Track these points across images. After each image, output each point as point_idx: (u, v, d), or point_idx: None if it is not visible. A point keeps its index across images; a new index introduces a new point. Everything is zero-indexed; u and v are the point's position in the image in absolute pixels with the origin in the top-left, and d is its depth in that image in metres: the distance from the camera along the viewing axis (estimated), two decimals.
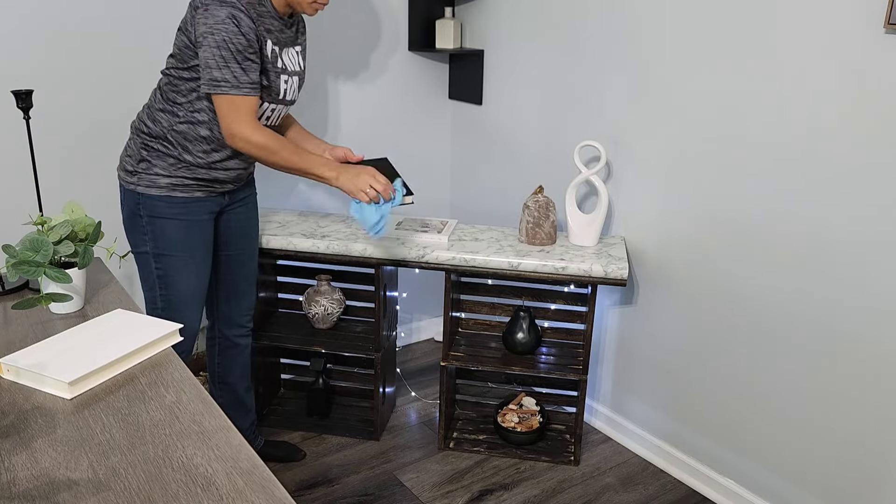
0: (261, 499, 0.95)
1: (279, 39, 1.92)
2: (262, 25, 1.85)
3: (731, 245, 2.09)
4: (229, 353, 2.27)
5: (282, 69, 1.93)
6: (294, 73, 2.00)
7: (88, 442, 1.06)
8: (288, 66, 1.96)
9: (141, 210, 1.92)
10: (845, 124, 1.77)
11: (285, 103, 2.01)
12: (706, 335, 2.22)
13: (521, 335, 2.40)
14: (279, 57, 1.92)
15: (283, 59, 1.94)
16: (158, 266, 1.96)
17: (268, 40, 1.87)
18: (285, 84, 1.96)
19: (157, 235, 1.93)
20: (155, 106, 1.93)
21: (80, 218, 1.51)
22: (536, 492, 2.30)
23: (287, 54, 1.96)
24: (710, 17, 2.02)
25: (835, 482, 1.95)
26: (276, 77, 1.92)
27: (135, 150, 1.94)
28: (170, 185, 1.91)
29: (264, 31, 1.86)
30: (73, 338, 1.34)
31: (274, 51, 1.90)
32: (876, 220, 1.75)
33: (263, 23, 1.85)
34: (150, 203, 1.91)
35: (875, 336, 1.79)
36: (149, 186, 1.91)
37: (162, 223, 1.92)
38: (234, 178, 2.02)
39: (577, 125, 2.49)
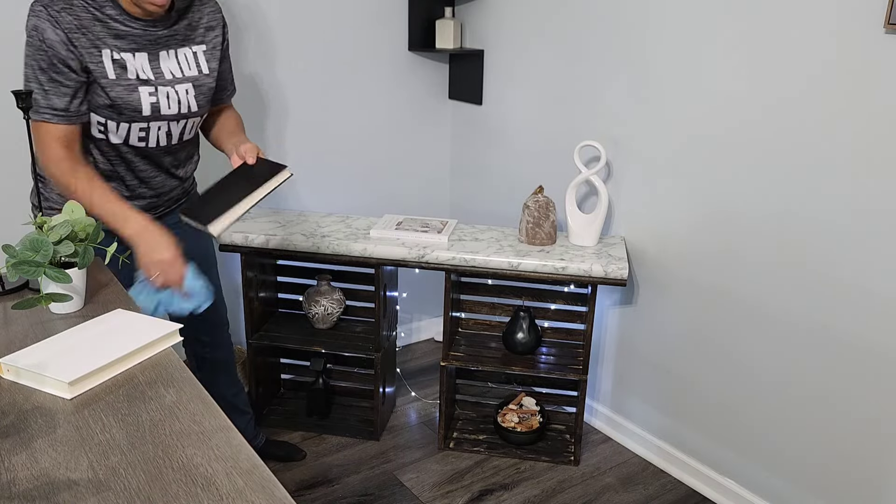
0: (261, 499, 0.95)
1: (142, 44, 1.66)
2: (94, 34, 1.59)
3: (731, 245, 2.09)
4: (205, 368, 2.18)
5: (140, 80, 1.66)
6: (180, 80, 1.71)
7: (88, 442, 1.06)
8: (165, 73, 1.69)
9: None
10: (845, 124, 1.77)
11: (169, 118, 1.73)
12: (706, 335, 2.22)
13: (521, 335, 2.39)
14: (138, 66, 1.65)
15: (160, 67, 1.69)
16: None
17: (105, 50, 1.61)
18: (152, 98, 1.68)
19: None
20: None
21: (80, 218, 1.51)
22: (536, 492, 2.30)
23: (169, 58, 1.70)
24: (710, 17, 2.02)
25: (835, 482, 1.95)
26: (129, 91, 1.65)
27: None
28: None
29: (97, 39, 1.60)
30: (73, 338, 1.34)
31: (121, 60, 1.63)
32: (876, 220, 1.75)
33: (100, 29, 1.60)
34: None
35: (875, 336, 1.79)
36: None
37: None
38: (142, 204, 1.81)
39: (577, 125, 2.49)
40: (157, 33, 1.67)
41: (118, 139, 1.71)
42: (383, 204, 2.98)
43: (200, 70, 1.76)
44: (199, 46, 1.76)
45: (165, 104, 1.71)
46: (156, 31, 1.67)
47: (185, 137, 1.82)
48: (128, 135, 1.70)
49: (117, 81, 1.64)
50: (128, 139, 1.71)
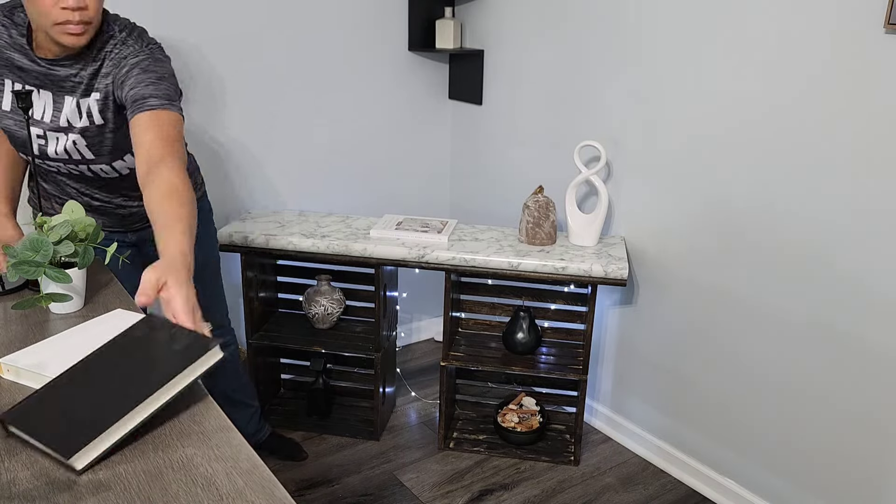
0: (261, 499, 0.95)
1: (41, 82, 1.58)
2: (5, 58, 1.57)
3: (731, 245, 2.09)
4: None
5: (34, 119, 1.60)
6: (62, 129, 1.60)
7: None
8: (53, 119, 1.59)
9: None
10: (845, 124, 1.77)
11: (65, 161, 1.65)
12: (706, 335, 2.22)
13: (521, 335, 2.39)
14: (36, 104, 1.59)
15: (51, 108, 1.59)
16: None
17: (6, 79, 1.58)
18: (40, 139, 1.62)
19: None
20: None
21: (80, 218, 1.51)
22: (536, 492, 2.30)
23: (68, 104, 1.59)
24: (710, 17, 2.02)
25: (835, 482, 1.95)
26: (20, 127, 1.61)
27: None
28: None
29: (4, 66, 1.58)
30: (73, 338, 1.34)
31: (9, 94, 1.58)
32: (876, 220, 1.75)
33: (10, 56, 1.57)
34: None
35: (875, 336, 1.79)
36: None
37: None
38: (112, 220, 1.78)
39: (577, 125, 2.49)
40: (58, 73, 1.57)
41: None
42: (383, 204, 2.98)
43: (92, 121, 1.61)
44: (95, 94, 1.59)
45: (52, 149, 1.62)
46: (57, 72, 1.56)
47: (111, 175, 1.70)
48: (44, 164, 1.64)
49: (10, 114, 1.60)
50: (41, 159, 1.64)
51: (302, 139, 2.73)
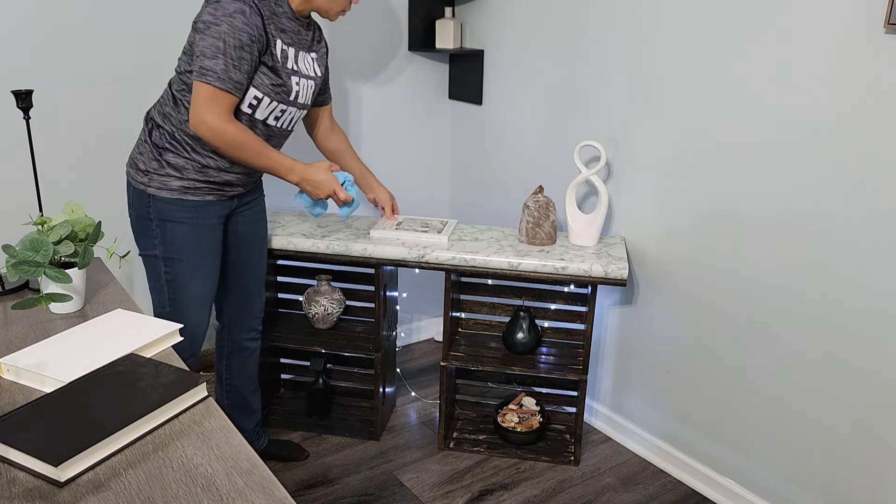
0: (261, 499, 0.95)
1: (294, 41, 1.92)
2: (275, 24, 1.84)
3: (732, 245, 2.09)
4: (237, 356, 2.26)
5: (293, 70, 1.91)
6: (308, 77, 1.97)
7: None
8: (302, 69, 1.94)
9: (151, 213, 1.89)
10: (845, 124, 1.77)
11: (297, 106, 1.98)
12: (706, 335, 2.22)
13: (521, 335, 2.39)
14: (292, 58, 1.90)
15: (298, 62, 1.93)
16: (167, 270, 1.93)
17: (278, 39, 1.85)
18: (297, 86, 1.93)
19: (168, 240, 1.90)
20: (165, 103, 1.90)
21: (80, 218, 1.51)
22: (536, 492, 2.30)
23: (302, 58, 1.95)
24: (710, 17, 2.02)
25: (835, 482, 1.95)
26: (288, 77, 1.90)
27: (147, 148, 1.90)
28: (181, 188, 1.88)
29: (276, 30, 1.85)
30: (73, 338, 1.34)
31: (285, 51, 1.88)
32: (876, 219, 1.75)
33: (277, 22, 1.85)
34: (162, 206, 1.88)
35: (875, 336, 1.79)
36: (160, 189, 1.87)
37: (173, 227, 1.89)
38: (245, 181, 2.00)
39: (577, 125, 2.49)
40: (303, 34, 1.95)
41: (262, 115, 1.90)
42: None
43: (317, 73, 2.02)
44: (314, 53, 2.01)
45: (302, 94, 1.97)
46: (304, 34, 1.96)
47: (294, 127, 2.05)
48: (270, 113, 1.91)
49: (283, 67, 1.88)
50: (268, 117, 1.91)
51: (301, 139, 2.72)
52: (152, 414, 1.09)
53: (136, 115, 2.33)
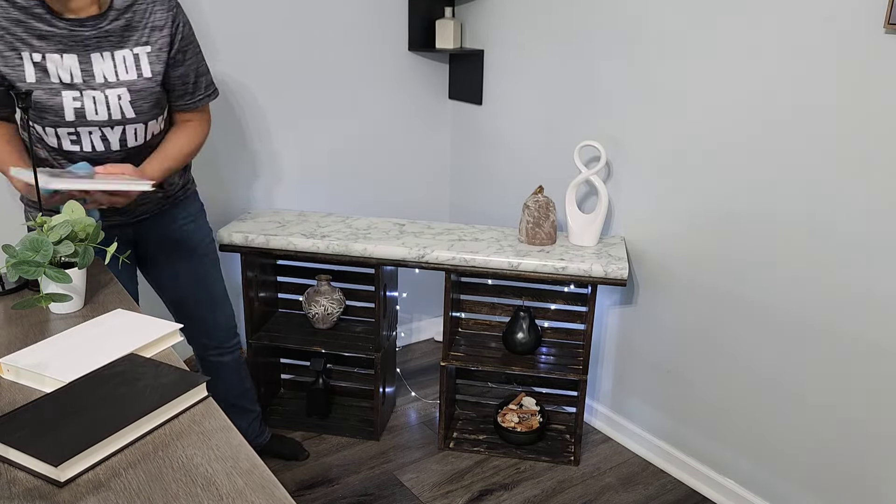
0: (261, 499, 0.95)
1: (68, 45, 1.59)
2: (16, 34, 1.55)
3: (731, 245, 2.09)
4: (211, 373, 2.17)
5: (64, 84, 1.60)
6: (109, 84, 1.64)
7: None
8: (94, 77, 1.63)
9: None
10: (845, 124, 1.77)
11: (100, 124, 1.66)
12: (706, 335, 2.22)
13: (521, 335, 2.39)
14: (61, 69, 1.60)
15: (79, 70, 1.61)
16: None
17: (24, 52, 1.57)
18: (76, 102, 1.62)
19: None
20: None
21: (80, 218, 1.51)
22: (536, 492, 2.30)
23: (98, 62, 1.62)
24: (710, 17, 2.02)
25: (835, 482, 1.95)
26: (51, 95, 1.60)
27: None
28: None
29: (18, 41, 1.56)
30: (73, 338, 1.34)
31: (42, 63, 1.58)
32: (876, 219, 1.75)
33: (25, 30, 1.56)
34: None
35: (876, 335, 1.79)
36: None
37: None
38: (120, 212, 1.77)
39: (577, 125, 2.49)
40: (83, 34, 1.59)
41: (51, 142, 1.66)
42: (383, 204, 2.98)
43: (140, 73, 1.66)
44: (142, 48, 1.65)
45: (92, 109, 1.63)
46: (83, 32, 1.59)
47: (131, 144, 1.73)
48: (58, 139, 1.66)
49: (37, 85, 1.59)
50: (60, 143, 1.66)
51: (302, 139, 2.73)
52: (152, 414, 1.09)
53: None
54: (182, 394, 1.15)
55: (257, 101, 2.57)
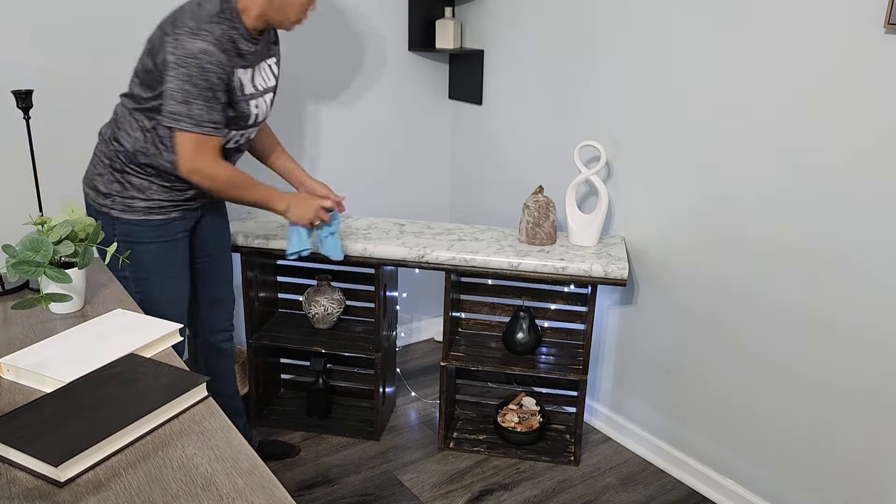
0: (261, 499, 0.95)
1: (252, 61, 1.85)
2: (236, 52, 1.77)
3: (731, 245, 2.09)
4: (213, 359, 2.23)
5: (252, 94, 1.86)
6: (267, 90, 1.93)
7: None
8: (259, 85, 1.89)
9: (117, 235, 1.82)
10: (845, 124, 1.77)
11: (256, 126, 1.95)
12: (706, 335, 2.22)
13: (521, 335, 2.39)
14: (251, 81, 1.85)
15: (256, 81, 1.88)
16: (139, 290, 1.86)
17: (237, 69, 1.79)
18: (256, 108, 1.90)
19: (136, 261, 1.81)
20: (122, 125, 1.84)
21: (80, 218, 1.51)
22: (536, 492, 2.30)
23: (260, 72, 1.89)
24: (710, 17, 2.02)
25: (835, 482, 1.95)
26: (247, 105, 1.85)
27: (105, 168, 1.85)
28: (146, 208, 1.84)
29: (237, 57, 1.78)
30: (73, 338, 1.34)
31: (241, 79, 1.82)
32: (876, 220, 1.75)
33: (237, 48, 1.78)
34: (127, 228, 1.83)
35: (875, 336, 1.79)
36: (124, 211, 1.83)
37: (140, 248, 1.84)
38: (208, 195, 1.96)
39: (577, 125, 2.49)
40: (257, 47, 1.85)
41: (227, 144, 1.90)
42: (383, 204, 2.98)
43: (275, 79, 1.97)
44: (272, 58, 1.95)
45: (262, 112, 1.93)
46: (257, 48, 1.85)
47: (245, 143, 2.00)
48: (230, 140, 1.89)
49: (242, 96, 1.83)
50: (228, 143, 1.89)
51: (302, 139, 2.73)
52: (152, 414, 1.09)
53: None
54: (182, 394, 1.15)
55: None
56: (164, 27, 1.75)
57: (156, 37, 1.77)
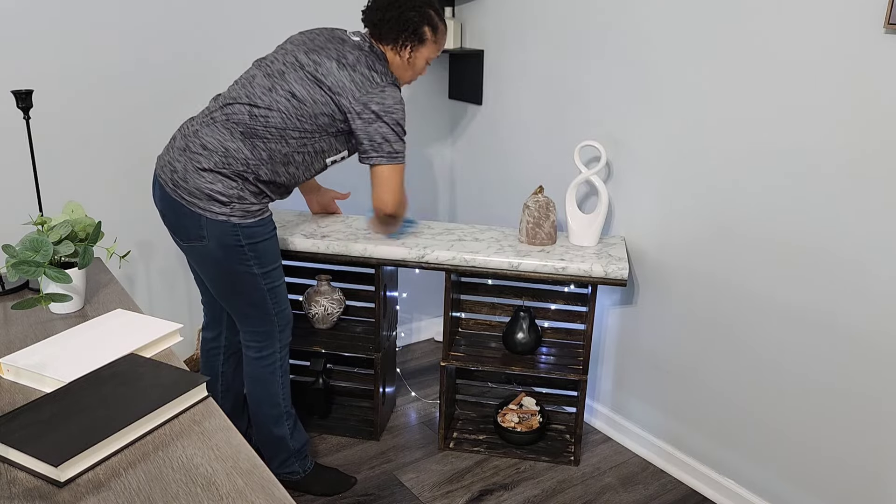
0: (261, 499, 0.95)
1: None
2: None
3: (731, 245, 2.09)
4: (237, 358, 2.26)
5: None
6: None
7: None
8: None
9: (241, 240, 1.90)
10: (845, 124, 1.77)
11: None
12: (706, 335, 2.22)
13: (521, 335, 2.39)
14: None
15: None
16: (267, 282, 1.99)
17: None
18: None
19: (262, 256, 1.95)
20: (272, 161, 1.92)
21: (80, 218, 1.51)
22: (536, 492, 2.30)
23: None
24: (711, 17, 2.02)
25: (835, 482, 1.95)
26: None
27: (236, 193, 1.89)
28: (260, 210, 1.94)
29: None
30: (73, 338, 1.34)
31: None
32: (876, 220, 1.75)
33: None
34: (249, 231, 1.91)
35: (875, 336, 1.80)
36: (244, 216, 1.90)
37: (263, 245, 1.95)
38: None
39: (577, 125, 2.49)
40: None
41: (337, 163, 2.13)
42: None
43: None
44: None
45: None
46: None
47: None
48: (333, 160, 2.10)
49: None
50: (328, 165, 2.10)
51: None
52: (152, 414, 1.09)
53: (137, 115, 2.33)
54: (182, 394, 1.15)
55: None
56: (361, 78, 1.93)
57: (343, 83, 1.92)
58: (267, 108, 1.90)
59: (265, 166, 1.92)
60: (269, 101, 1.90)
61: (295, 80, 1.92)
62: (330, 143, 2.00)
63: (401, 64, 2.06)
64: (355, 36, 2.04)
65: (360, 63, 1.95)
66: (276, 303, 2.03)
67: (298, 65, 1.94)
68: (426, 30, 2.03)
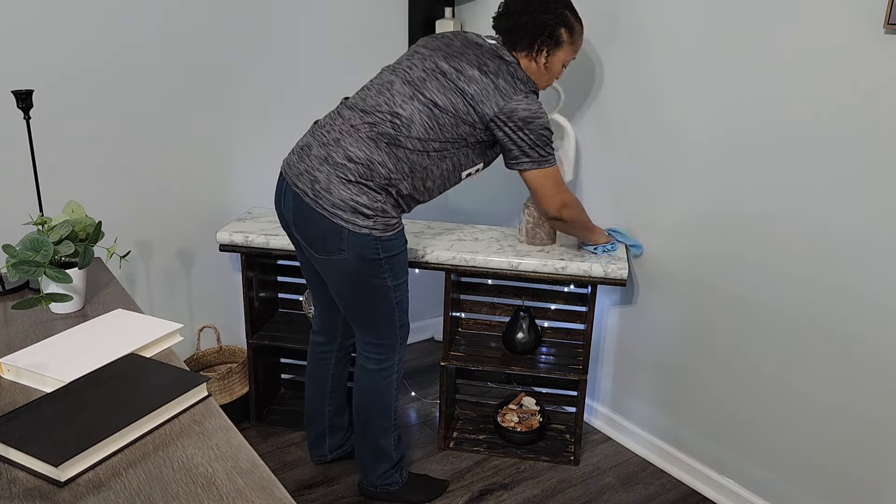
0: (261, 499, 0.95)
1: None
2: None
3: (731, 245, 2.09)
4: (346, 362, 2.30)
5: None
6: None
7: None
8: None
9: (380, 252, 1.89)
10: (845, 124, 1.77)
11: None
12: (706, 335, 2.22)
13: (521, 335, 2.40)
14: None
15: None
16: (397, 294, 1.98)
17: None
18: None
19: (395, 269, 1.94)
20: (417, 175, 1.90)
21: (80, 218, 1.51)
22: (536, 492, 2.30)
23: None
24: (711, 17, 2.02)
25: (835, 482, 1.95)
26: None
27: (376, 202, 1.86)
28: (397, 223, 1.93)
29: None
30: (73, 338, 1.34)
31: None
32: (876, 220, 1.75)
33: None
34: (388, 244, 1.90)
35: (876, 336, 1.80)
36: (385, 229, 1.88)
37: (398, 257, 1.94)
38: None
39: (577, 125, 2.49)
40: None
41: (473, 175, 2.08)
42: None
43: None
44: None
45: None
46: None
47: None
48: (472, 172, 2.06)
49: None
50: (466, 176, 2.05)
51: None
52: (152, 414, 1.09)
53: (137, 115, 2.33)
54: (182, 394, 1.15)
55: (258, 101, 2.56)
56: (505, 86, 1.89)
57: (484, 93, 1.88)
58: (409, 117, 1.86)
59: (406, 180, 1.88)
60: (411, 111, 1.86)
61: (437, 88, 1.87)
62: (467, 155, 1.95)
63: (536, 70, 1.99)
64: (491, 40, 2.01)
65: (501, 70, 1.91)
66: (401, 316, 2.03)
67: (440, 72, 1.89)
68: (562, 31, 1.96)
